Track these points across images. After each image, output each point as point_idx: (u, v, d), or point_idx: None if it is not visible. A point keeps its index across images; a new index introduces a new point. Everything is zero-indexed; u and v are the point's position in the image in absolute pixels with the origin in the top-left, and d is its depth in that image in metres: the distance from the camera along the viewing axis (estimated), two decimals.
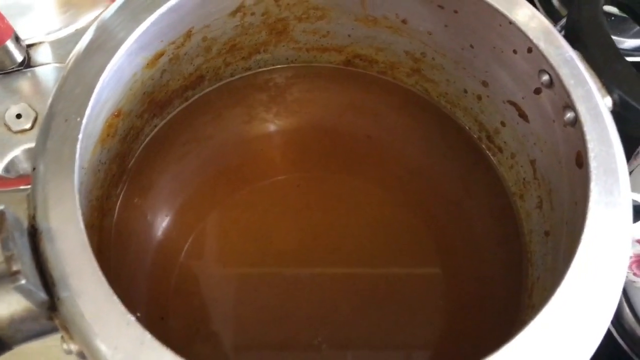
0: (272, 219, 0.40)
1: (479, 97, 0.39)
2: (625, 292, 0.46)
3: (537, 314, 0.26)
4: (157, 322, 0.37)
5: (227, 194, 0.40)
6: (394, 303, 0.37)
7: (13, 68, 0.46)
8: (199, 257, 0.38)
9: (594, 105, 0.29)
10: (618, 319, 0.47)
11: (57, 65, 0.48)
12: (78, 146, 0.26)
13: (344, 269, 0.38)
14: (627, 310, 0.46)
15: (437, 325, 0.37)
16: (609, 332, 0.46)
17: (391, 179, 0.41)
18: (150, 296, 0.37)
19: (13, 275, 0.22)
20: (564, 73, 0.30)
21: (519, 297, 0.37)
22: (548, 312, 0.26)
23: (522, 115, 0.36)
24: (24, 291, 0.23)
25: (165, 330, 0.36)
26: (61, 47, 0.49)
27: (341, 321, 0.36)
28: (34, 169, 0.26)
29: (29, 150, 0.44)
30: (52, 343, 0.48)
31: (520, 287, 0.37)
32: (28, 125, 0.44)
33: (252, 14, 0.38)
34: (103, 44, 0.29)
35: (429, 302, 0.38)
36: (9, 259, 0.22)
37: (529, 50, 0.33)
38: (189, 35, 0.36)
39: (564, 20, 0.48)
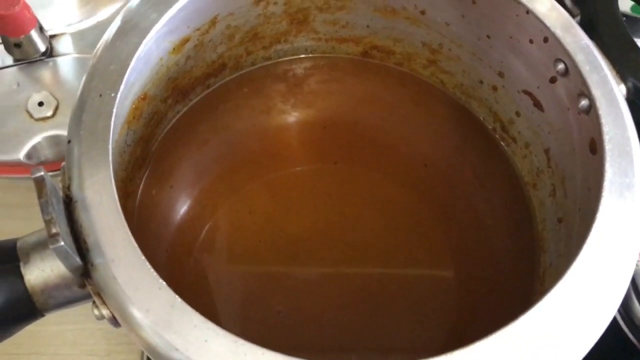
0: (287, 210, 0.40)
1: (495, 88, 0.40)
2: (634, 284, 0.47)
3: (545, 295, 0.26)
4: None
5: (244, 183, 0.41)
6: (406, 293, 0.38)
7: (36, 57, 0.47)
8: (213, 247, 0.39)
9: (609, 90, 0.30)
10: (627, 312, 0.47)
11: (78, 55, 0.49)
12: (112, 120, 0.27)
13: (358, 264, 0.39)
14: (636, 303, 0.47)
15: (449, 313, 0.37)
16: (617, 325, 0.46)
17: (405, 170, 0.42)
18: (166, 279, 0.38)
19: (52, 237, 0.23)
20: (579, 59, 0.31)
21: (531, 284, 0.37)
22: (556, 294, 0.26)
23: (537, 105, 0.37)
24: (61, 253, 0.24)
25: None
26: (82, 38, 0.50)
27: (353, 319, 0.37)
28: (69, 141, 0.27)
29: (50, 137, 0.45)
30: (69, 327, 0.49)
31: (532, 274, 0.38)
32: (49, 113, 0.45)
33: (275, 3, 0.39)
34: (136, 25, 0.30)
35: (442, 291, 0.38)
36: (48, 222, 0.23)
37: (545, 39, 0.33)
38: (214, 22, 0.37)
39: (575, 20, 0.49)
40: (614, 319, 0.27)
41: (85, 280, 0.26)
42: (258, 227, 0.40)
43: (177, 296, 0.24)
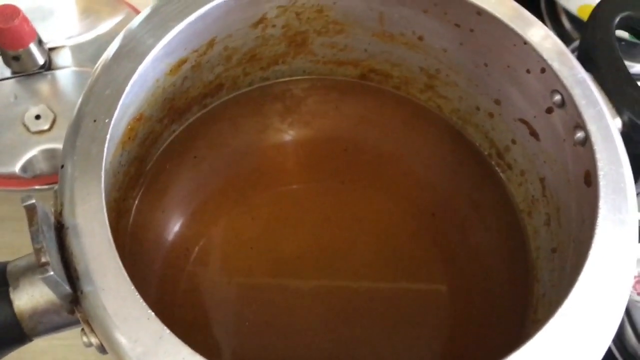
0: (282, 229, 0.40)
1: (491, 115, 0.40)
2: (627, 312, 0.47)
3: (541, 328, 0.26)
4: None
5: (239, 202, 0.41)
6: (398, 317, 0.38)
7: (34, 70, 0.47)
8: (208, 265, 0.39)
9: (605, 125, 0.30)
10: (620, 339, 0.47)
11: (76, 69, 0.49)
12: (106, 146, 0.27)
13: (351, 282, 0.39)
14: (629, 330, 0.47)
15: (441, 340, 0.37)
16: (610, 352, 0.46)
17: (400, 193, 0.42)
18: (157, 301, 0.38)
19: (42, 267, 0.23)
20: (576, 93, 0.31)
21: (524, 313, 0.37)
22: (551, 327, 0.26)
23: (533, 134, 0.37)
24: (50, 283, 0.23)
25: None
26: (81, 51, 0.50)
27: (346, 335, 0.37)
28: (62, 166, 0.27)
29: (46, 151, 0.45)
30: (59, 342, 0.48)
31: (525, 303, 0.38)
32: (46, 126, 0.45)
33: (274, 26, 0.39)
34: (133, 49, 0.30)
35: (434, 316, 0.38)
36: (38, 251, 0.23)
37: (543, 70, 0.33)
38: (211, 44, 0.37)
39: (575, 43, 0.49)
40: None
41: (75, 307, 0.26)
42: (252, 246, 0.39)
43: (165, 327, 0.24)
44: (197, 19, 0.32)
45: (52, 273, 0.23)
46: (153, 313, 0.24)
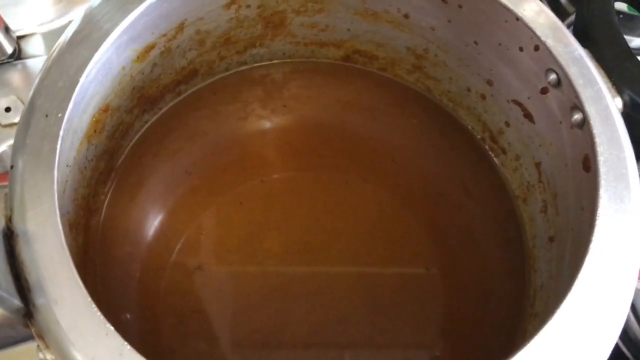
0: (266, 218, 0.38)
1: (483, 96, 0.38)
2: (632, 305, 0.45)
3: (544, 325, 0.25)
4: (147, 323, 0.35)
5: (220, 193, 0.39)
6: (391, 308, 0.36)
7: (3, 60, 0.45)
8: (190, 257, 0.37)
9: (604, 106, 0.28)
10: (624, 330, 0.45)
11: None
12: (59, 143, 0.25)
13: (339, 270, 0.37)
14: (632, 319, 0.45)
15: (435, 332, 0.36)
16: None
17: (389, 179, 0.40)
18: (140, 296, 0.36)
19: None
20: (572, 72, 0.29)
21: (521, 305, 0.36)
22: (555, 323, 0.25)
23: (527, 116, 0.35)
24: None
25: (157, 331, 0.35)
26: (54, 38, 0.47)
27: (337, 324, 0.35)
28: (12, 166, 0.25)
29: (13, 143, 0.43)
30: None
31: (522, 294, 0.36)
32: (17, 119, 0.43)
33: (248, 6, 0.36)
34: (88, 36, 0.28)
35: (428, 307, 0.36)
36: None
37: (536, 48, 0.31)
38: (181, 27, 0.35)
39: (571, 18, 0.47)
40: None
41: (29, 321, 0.23)
42: (235, 238, 0.38)
43: (125, 343, 0.22)
44: (160, 0, 0.29)
45: None
46: (112, 327, 0.22)
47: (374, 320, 0.36)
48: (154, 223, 0.38)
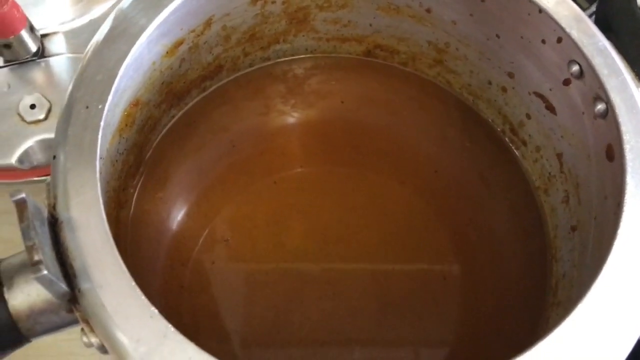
0: (288, 213, 0.39)
1: (504, 89, 0.39)
2: None
3: (569, 313, 0.25)
4: (169, 317, 0.36)
5: (244, 187, 0.40)
6: (410, 301, 0.36)
7: (27, 58, 0.46)
8: (213, 251, 0.37)
9: (630, 95, 0.28)
10: None
11: (71, 55, 0.48)
12: (100, 134, 0.25)
13: (360, 265, 0.38)
14: None
15: (456, 324, 0.36)
16: None
17: (411, 173, 0.40)
18: (163, 290, 0.37)
19: (34, 266, 0.21)
20: (597, 63, 0.29)
21: (543, 294, 0.36)
22: (579, 312, 0.25)
23: (549, 108, 0.36)
24: (45, 282, 0.22)
25: (178, 325, 0.35)
26: (75, 37, 0.48)
27: (354, 320, 0.36)
28: (54, 157, 0.26)
29: (42, 141, 0.44)
30: (63, 337, 0.48)
31: (544, 284, 0.36)
32: (42, 116, 0.44)
33: (273, 2, 0.37)
34: (124, 31, 0.28)
35: (447, 300, 0.37)
36: (30, 249, 0.22)
37: (559, 40, 0.32)
38: (209, 23, 0.35)
39: (590, 9, 0.47)
40: None
41: (73, 306, 0.24)
42: (259, 231, 0.38)
43: (169, 325, 0.23)
44: None
45: (45, 272, 0.21)
46: (156, 310, 0.23)
47: (390, 313, 0.36)
48: (179, 216, 0.38)
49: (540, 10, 0.31)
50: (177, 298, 0.36)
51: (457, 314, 0.36)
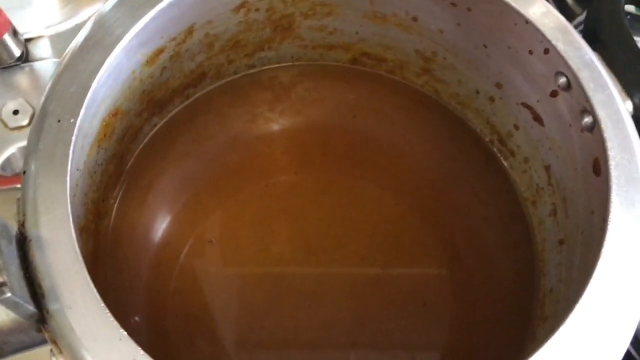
0: (274, 221, 0.38)
1: (492, 99, 0.38)
2: None
3: (555, 330, 0.25)
4: (156, 324, 0.36)
5: (229, 195, 0.39)
6: (398, 311, 0.36)
7: (11, 63, 0.45)
8: (199, 260, 0.37)
9: (615, 110, 0.28)
10: (634, 333, 0.45)
11: (56, 60, 0.47)
12: (71, 149, 0.25)
13: (347, 272, 0.37)
14: None
15: (443, 335, 0.36)
16: None
17: (398, 182, 0.40)
18: (148, 299, 0.36)
19: None
20: (583, 76, 0.29)
21: (530, 308, 0.36)
22: (566, 328, 0.25)
23: (537, 119, 0.35)
24: (9, 304, 0.21)
25: (165, 332, 0.35)
26: (61, 41, 0.48)
27: (342, 325, 0.36)
28: (24, 172, 0.25)
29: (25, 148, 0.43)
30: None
31: (531, 298, 0.36)
32: (25, 122, 0.43)
33: (257, 9, 0.36)
34: (100, 41, 0.28)
35: (435, 310, 0.36)
36: None
37: (546, 51, 0.31)
38: (190, 31, 0.35)
39: (578, 19, 0.47)
40: None
41: (42, 326, 0.23)
42: (244, 240, 0.38)
43: (139, 348, 0.22)
44: (170, 4, 0.29)
45: (9, 295, 0.21)
46: (125, 333, 0.22)
47: (381, 321, 0.36)
48: (162, 226, 0.38)
49: (527, 21, 0.31)
50: (163, 305, 0.36)
51: (446, 324, 0.36)
